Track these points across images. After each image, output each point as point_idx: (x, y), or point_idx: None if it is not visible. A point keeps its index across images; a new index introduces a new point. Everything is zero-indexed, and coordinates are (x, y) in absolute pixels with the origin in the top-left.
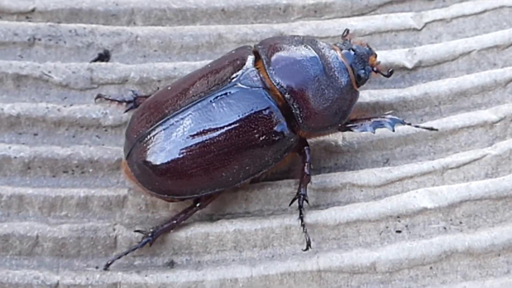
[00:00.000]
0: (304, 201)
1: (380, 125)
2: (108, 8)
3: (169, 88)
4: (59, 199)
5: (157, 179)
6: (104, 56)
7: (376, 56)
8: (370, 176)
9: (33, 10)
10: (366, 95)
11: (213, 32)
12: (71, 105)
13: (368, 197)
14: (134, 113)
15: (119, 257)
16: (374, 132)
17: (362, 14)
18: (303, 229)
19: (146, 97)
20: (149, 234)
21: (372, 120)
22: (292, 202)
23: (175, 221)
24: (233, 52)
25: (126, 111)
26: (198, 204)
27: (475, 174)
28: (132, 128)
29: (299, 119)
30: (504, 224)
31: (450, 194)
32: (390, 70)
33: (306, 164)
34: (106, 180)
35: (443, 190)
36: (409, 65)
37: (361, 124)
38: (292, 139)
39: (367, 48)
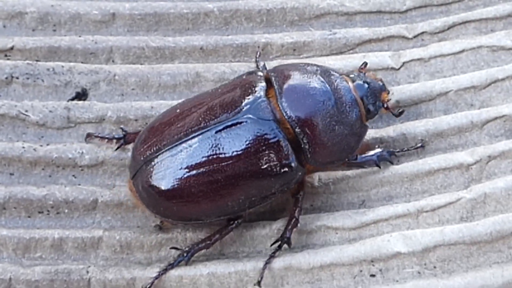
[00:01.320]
0: (285, 245)
1: (384, 158)
2: (87, 46)
3: (177, 110)
4: (34, 241)
5: (162, 204)
6: (81, 95)
7: (388, 93)
8: (345, 218)
9: (11, 48)
10: None
11: (191, 71)
12: (47, 144)
13: (343, 239)
14: (141, 132)
15: (158, 276)
16: (380, 167)
17: (341, 53)
18: (264, 267)
19: (135, 133)
20: (185, 254)
21: (375, 155)
22: (274, 243)
23: (210, 241)
24: (244, 77)
25: (117, 148)
26: (236, 222)
27: (450, 218)
28: (139, 149)
29: (308, 154)
30: (478, 270)
31: (424, 238)
32: (400, 110)
33: (297, 208)
34: (82, 221)
35: (417, 234)
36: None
37: (368, 161)
38: (300, 172)
39: (381, 84)
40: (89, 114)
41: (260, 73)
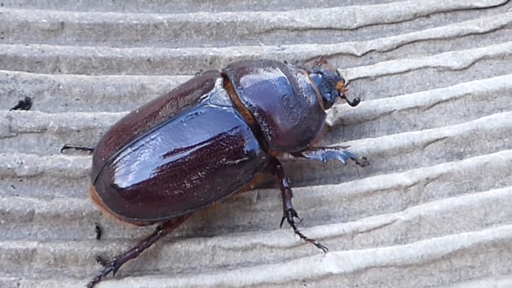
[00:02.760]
0: (294, 216)
1: (332, 155)
2: (33, 55)
3: (137, 111)
4: None
5: (127, 202)
6: (25, 104)
7: (344, 82)
8: (281, 237)
9: None
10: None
11: (136, 83)
12: None
13: (278, 258)
14: (102, 137)
15: (93, 282)
16: (325, 161)
17: None
18: (305, 239)
19: None
20: (112, 264)
21: (326, 150)
22: (282, 222)
23: (137, 249)
24: (200, 75)
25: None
26: (160, 231)
27: (385, 240)
28: (99, 152)
29: (268, 137)
30: None
31: (356, 259)
32: (356, 99)
33: (283, 179)
34: (18, 232)
35: (350, 255)
36: (330, 123)
37: (314, 152)
38: (263, 158)
39: (336, 74)
40: (31, 124)
41: (215, 71)
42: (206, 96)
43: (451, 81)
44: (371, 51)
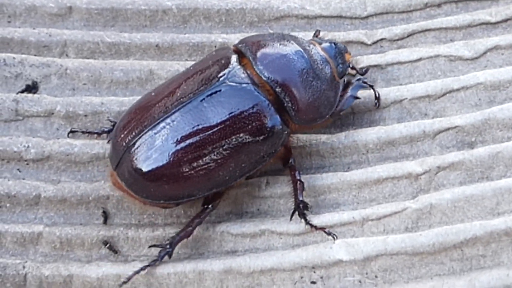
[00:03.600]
0: (305, 209)
1: (359, 87)
2: (41, 38)
3: (152, 93)
4: None
5: (152, 185)
6: (32, 88)
7: (350, 54)
8: (289, 223)
9: None
10: (294, 139)
11: (144, 68)
12: None
13: (287, 245)
14: (119, 121)
15: (137, 273)
16: (359, 97)
17: None
18: (316, 228)
19: None
20: (167, 247)
21: (348, 91)
22: (293, 214)
23: (190, 228)
24: (214, 53)
25: (109, 141)
26: (210, 205)
27: (395, 228)
28: (119, 136)
29: (292, 111)
30: (419, 281)
31: (366, 247)
32: (365, 69)
33: (295, 172)
34: (23, 216)
35: (360, 242)
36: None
37: (345, 101)
38: (285, 132)
39: (343, 45)
40: (37, 108)
41: (227, 47)
42: (224, 74)
43: (462, 70)
44: (381, 39)
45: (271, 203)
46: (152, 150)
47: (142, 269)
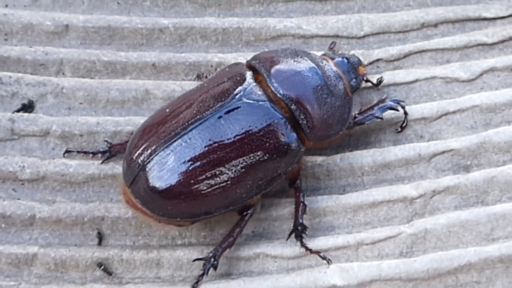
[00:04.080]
0: (303, 232)
1: (386, 108)
2: (37, 57)
3: (167, 110)
4: None
5: (169, 203)
6: (28, 107)
7: (365, 66)
8: (284, 247)
9: None
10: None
11: (140, 88)
12: None
13: (281, 268)
14: (132, 138)
15: (196, 282)
16: (382, 118)
17: None
18: (311, 251)
19: (121, 144)
20: (212, 259)
21: (375, 108)
22: (289, 236)
23: (232, 238)
24: (227, 69)
25: (103, 162)
26: (249, 212)
27: (390, 252)
28: (133, 153)
29: (307, 129)
30: None
31: (360, 272)
32: (379, 79)
33: (300, 193)
34: (18, 236)
35: (354, 267)
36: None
37: (368, 116)
38: (302, 150)
39: (357, 58)
40: (33, 127)
41: (240, 63)
42: (240, 91)
43: (458, 92)
44: (377, 60)
45: (266, 225)
46: (169, 168)
47: (193, 286)
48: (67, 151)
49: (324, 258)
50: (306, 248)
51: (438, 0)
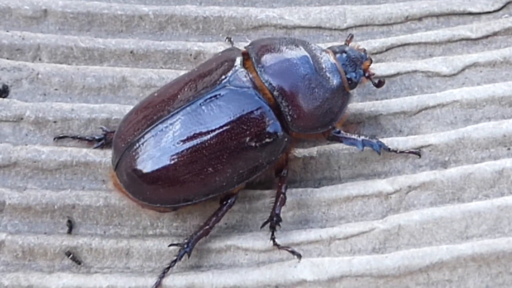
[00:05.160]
0: (277, 224)
1: (370, 144)
2: (14, 42)
3: (155, 94)
4: None
5: (149, 188)
6: (2, 92)
7: (371, 61)
8: (256, 239)
9: None
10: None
11: (117, 75)
12: None
13: (252, 261)
14: (121, 121)
15: (163, 273)
16: (362, 149)
17: None
18: (278, 247)
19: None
20: (185, 246)
21: (361, 138)
22: (264, 225)
23: (208, 226)
24: (220, 54)
25: (96, 147)
26: (228, 202)
27: (362, 248)
28: (119, 137)
29: (288, 117)
30: None
31: (331, 267)
32: (381, 79)
33: (283, 185)
34: None
35: (325, 262)
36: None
37: (352, 139)
38: (286, 139)
39: (362, 53)
40: (6, 112)
41: (237, 48)
42: (226, 77)
43: (439, 87)
44: None
45: (239, 217)
46: (149, 153)
47: (164, 272)
48: (61, 137)
49: (293, 252)
50: (274, 243)
51: None
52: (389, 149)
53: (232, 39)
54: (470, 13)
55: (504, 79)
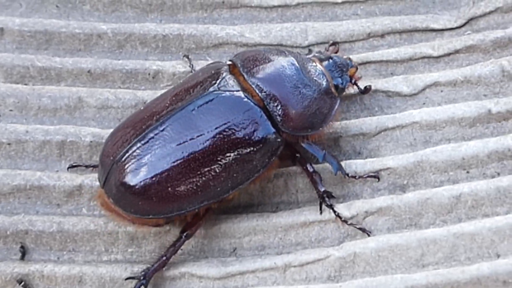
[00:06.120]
0: (330, 198)
1: (330, 161)
2: None
3: (141, 108)
4: None
5: (140, 199)
6: None
7: (357, 69)
8: (211, 266)
9: None
10: None
11: (73, 95)
12: None
13: None
14: (108, 137)
15: None
16: (321, 161)
17: None
18: (345, 222)
19: None
20: (141, 278)
21: (325, 151)
22: (321, 207)
23: (165, 257)
24: (205, 67)
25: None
26: (185, 234)
27: (318, 276)
28: (106, 152)
29: (278, 117)
30: None
31: None
32: (367, 86)
33: (307, 164)
34: None
35: None
36: None
37: (316, 148)
38: (278, 140)
39: (348, 60)
40: None
41: (221, 62)
42: (214, 84)
43: (400, 107)
44: None
45: (194, 243)
46: (140, 162)
47: None
48: (71, 166)
49: (363, 230)
50: (340, 218)
51: (386, 9)
52: (347, 174)
53: (190, 57)
54: (433, 30)
55: (465, 99)
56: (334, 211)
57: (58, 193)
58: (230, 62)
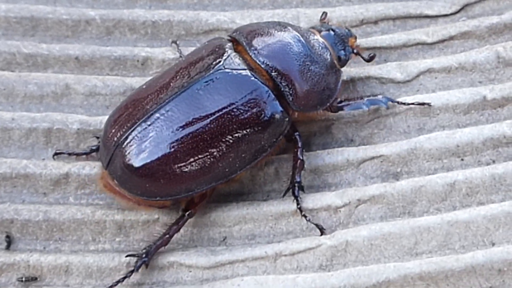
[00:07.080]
0: (300, 189)
1: (375, 102)
2: None
3: (144, 86)
4: None
5: (147, 181)
6: None
7: (356, 38)
8: (200, 256)
9: None
10: None
11: (60, 82)
12: None
13: (196, 279)
14: (108, 118)
15: (116, 283)
16: (369, 109)
17: None
18: (304, 217)
19: None
20: (143, 256)
21: (365, 98)
22: (286, 193)
23: (167, 235)
24: (207, 43)
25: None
26: (188, 213)
27: (309, 265)
28: (109, 132)
29: (289, 97)
30: None
31: (275, 286)
32: (371, 55)
33: (298, 149)
34: None
35: (269, 280)
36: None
37: (354, 103)
38: (286, 119)
39: (347, 30)
40: None
41: (221, 37)
42: (219, 62)
43: (393, 94)
44: None
45: (183, 232)
46: (146, 143)
47: (119, 281)
48: (56, 153)
49: (319, 228)
50: (301, 211)
51: None
52: (397, 101)
53: (178, 43)
54: (427, 16)
55: (459, 86)
56: (298, 203)
57: (44, 182)
58: (229, 38)
